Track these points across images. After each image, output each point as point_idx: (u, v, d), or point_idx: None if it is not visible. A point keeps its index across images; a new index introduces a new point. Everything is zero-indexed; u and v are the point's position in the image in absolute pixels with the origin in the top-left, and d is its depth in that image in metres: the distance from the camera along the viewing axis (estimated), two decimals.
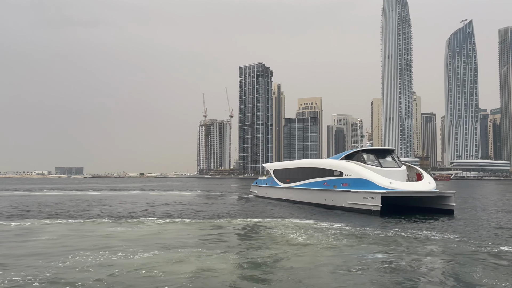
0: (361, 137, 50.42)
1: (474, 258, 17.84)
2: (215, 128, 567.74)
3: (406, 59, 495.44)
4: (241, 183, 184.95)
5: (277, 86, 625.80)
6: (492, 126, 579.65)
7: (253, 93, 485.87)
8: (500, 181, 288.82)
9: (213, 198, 62.96)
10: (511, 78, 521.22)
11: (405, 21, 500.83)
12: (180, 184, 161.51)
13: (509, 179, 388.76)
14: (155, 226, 29.18)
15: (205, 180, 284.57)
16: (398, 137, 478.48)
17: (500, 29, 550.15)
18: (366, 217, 34.01)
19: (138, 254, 18.56)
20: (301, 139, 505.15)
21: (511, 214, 38.17)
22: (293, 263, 17.20)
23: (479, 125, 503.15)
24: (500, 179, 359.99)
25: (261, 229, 27.52)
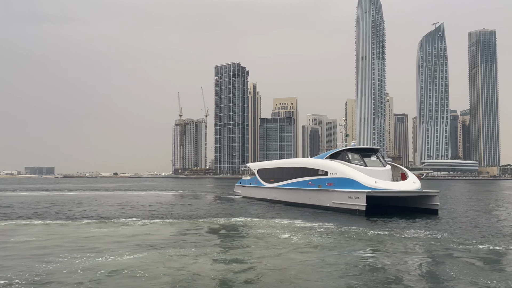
0: (345, 136, 50.03)
1: (454, 256, 18.24)
2: (190, 127, 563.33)
3: (379, 61, 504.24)
4: (217, 183, 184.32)
5: (253, 86, 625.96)
6: (461, 127, 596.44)
7: (229, 92, 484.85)
8: (469, 181, 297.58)
9: (193, 198, 62.43)
10: (480, 80, 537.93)
11: (379, 23, 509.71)
12: (156, 184, 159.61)
13: (477, 178, 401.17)
14: (138, 226, 28.83)
15: (181, 180, 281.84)
16: (371, 137, 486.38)
17: (470, 32, 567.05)
18: (351, 217, 33.97)
19: (125, 255, 18.37)
20: (277, 139, 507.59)
21: (490, 214, 38.87)
22: (277, 261, 17.28)
23: (449, 126, 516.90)
24: (469, 179, 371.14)
25: (244, 229, 27.46)
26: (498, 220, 33.08)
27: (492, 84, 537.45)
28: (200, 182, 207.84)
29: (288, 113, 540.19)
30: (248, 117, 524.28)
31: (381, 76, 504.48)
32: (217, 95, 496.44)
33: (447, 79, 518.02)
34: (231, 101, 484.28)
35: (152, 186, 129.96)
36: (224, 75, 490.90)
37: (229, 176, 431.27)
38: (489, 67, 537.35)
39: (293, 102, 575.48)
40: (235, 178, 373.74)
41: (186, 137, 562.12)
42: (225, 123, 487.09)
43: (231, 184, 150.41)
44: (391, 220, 31.77)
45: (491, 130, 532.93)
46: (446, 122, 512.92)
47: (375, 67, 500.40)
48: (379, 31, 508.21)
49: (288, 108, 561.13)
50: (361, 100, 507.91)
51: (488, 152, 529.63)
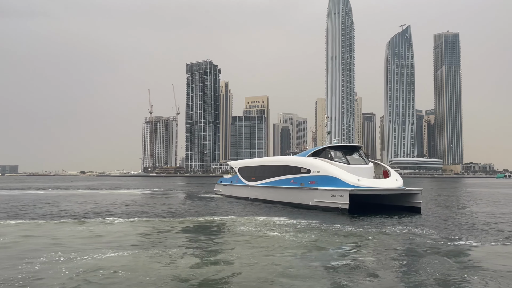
0: (327, 133, 49.68)
1: (434, 252, 19.00)
2: (161, 125, 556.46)
3: (349, 61, 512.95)
4: (188, 181, 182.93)
5: (224, 84, 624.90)
6: (427, 126, 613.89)
7: (201, 90, 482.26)
8: (435, 178, 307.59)
9: (169, 197, 61.59)
10: (445, 81, 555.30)
11: (348, 24, 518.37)
12: (127, 182, 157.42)
13: (442, 176, 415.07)
14: (117, 225, 28.56)
15: (151, 178, 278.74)
16: (341, 136, 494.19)
17: (435, 35, 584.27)
18: (334, 215, 33.69)
19: (108, 254, 18.37)
20: (248, 137, 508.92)
21: (467, 210, 39.87)
22: (258, 259, 17.48)
23: (415, 125, 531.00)
24: (434, 176, 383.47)
25: (225, 227, 27.68)
26: (473, 216, 33.88)
27: (455, 85, 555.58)
28: (171, 180, 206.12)
29: (260, 112, 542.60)
30: (220, 115, 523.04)
31: (350, 76, 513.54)
32: (189, 92, 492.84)
33: (414, 80, 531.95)
34: (202, 99, 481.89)
35: (124, 184, 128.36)
36: (195, 73, 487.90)
37: (200, 174, 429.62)
38: (453, 68, 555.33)
39: (265, 100, 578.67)
40: (206, 176, 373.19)
41: (157, 135, 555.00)
42: (197, 121, 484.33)
43: (203, 183, 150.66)
44: (373, 218, 31.60)
45: (455, 129, 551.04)
46: (412, 122, 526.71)
47: (344, 67, 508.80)
48: (349, 32, 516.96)
49: (259, 107, 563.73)
50: (331, 99, 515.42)
51: (451, 150, 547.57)
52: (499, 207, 43.81)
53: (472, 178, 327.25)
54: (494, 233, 25.23)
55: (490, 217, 33.96)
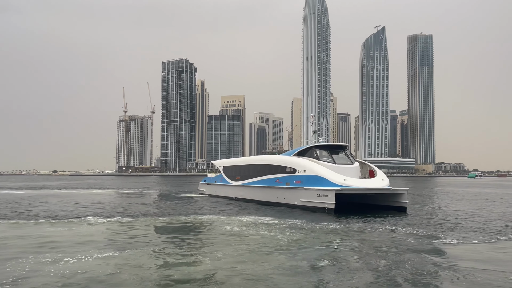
0: (313, 132, 49.09)
1: (418, 251, 19.16)
2: (135, 124, 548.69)
3: (324, 61, 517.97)
4: (165, 180, 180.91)
5: (200, 83, 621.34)
6: (400, 127, 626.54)
7: (176, 89, 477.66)
8: (407, 178, 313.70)
9: (149, 196, 60.34)
10: (418, 82, 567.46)
11: (324, 25, 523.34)
12: (102, 182, 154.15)
13: (414, 175, 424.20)
14: (99, 225, 28.10)
15: (126, 178, 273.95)
16: (316, 135, 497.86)
17: (409, 36, 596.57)
18: (320, 215, 33.42)
19: (94, 255, 18.16)
20: (225, 137, 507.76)
21: (451, 209, 40.20)
22: (242, 259, 17.39)
23: (389, 126, 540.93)
24: (407, 176, 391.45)
25: (209, 226, 27.45)
26: (457, 216, 34.24)
27: (428, 86, 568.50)
28: (147, 180, 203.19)
29: (236, 111, 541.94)
30: (196, 114, 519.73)
31: (326, 76, 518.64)
32: (164, 91, 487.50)
33: (388, 80, 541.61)
34: (178, 97, 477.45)
35: (99, 184, 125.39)
36: (171, 71, 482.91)
37: (176, 174, 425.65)
38: (426, 69, 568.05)
39: (241, 100, 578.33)
40: (182, 176, 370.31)
41: (131, 134, 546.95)
42: (172, 120, 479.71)
43: (180, 182, 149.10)
44: (359, 218, 31.55)
45: (427, 129, 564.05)
46: (386, 122, 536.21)
47: (320, 67, 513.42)
48: (325, 32, 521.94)
49: (236, 106, 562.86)
50: (307, 99, 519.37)
51: (424, 150, 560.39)
52: (480, 206, 44.58)
53: (444, 178, 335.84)
54: (477, 231, 25.58)
55: (473, 215, 34.39)
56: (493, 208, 41.92)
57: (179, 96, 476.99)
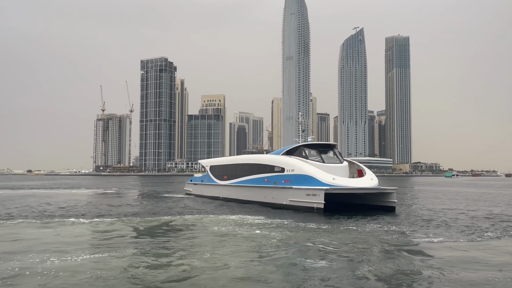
0: (301, 131, 48.84)
1: (406, 250, 19.42)
2: (113, 123, 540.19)
3: (304, 61, 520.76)
4: (143, 180, 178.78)
5: (180, 82, 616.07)
6: (378, 127, 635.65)
7: (156, 87, 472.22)
8: (385, 177, 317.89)
9: (129, 197, 59.40)
10: (395, 83, 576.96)
11: (304, 25, 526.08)
12: (80, 182, 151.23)
13: (392, 175, 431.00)
14: (83, 226, 27.56)
15: (104, 177, 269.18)
16: (296, 135, 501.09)
17: (387, 38, 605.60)
18: (309, 214, 33.24)
19: (82, 256, 17.86)
20: (204, 136, 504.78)
21: (438, 208, 40.73)
22: (227, 259, 17.30)
23: (367, 126, 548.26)
24: (385, 175, 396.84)
25: (195, 226, 27.17)
26: (444, 214, 34.71)
27: (405, 87, 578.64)
28: (126, 179, 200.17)
29: (216, 110, 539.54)
30: (175, 113, 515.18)
31: (305, 76, 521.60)
32: (143, 90, 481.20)
33: (366, 81, 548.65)
34: (157, 96, 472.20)
35: (78, 184, 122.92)
36: (150, 70, 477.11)
37: (155, 174, 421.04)
38: (403, 71, 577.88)
39: (221, 99, 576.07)
40: (161, 175, 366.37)
41: (109, 133, 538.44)
42: (151, 119, 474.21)
43: (160, 182, 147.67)
44: (348, 217, 31.46)
45: (404, 129, 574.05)
46: (365, 122, 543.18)
47: (300, 67, 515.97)
48: (305, 33, 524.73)
49: (216, 105, 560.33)
50: (287, 99, 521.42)
51: (401, 150, 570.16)
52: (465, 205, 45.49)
53: (421, 177, 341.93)
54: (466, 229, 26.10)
55: (460, 214, 35.03)
56: (477, 207, 42.82)
57: (159, 95, 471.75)
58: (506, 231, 25.51)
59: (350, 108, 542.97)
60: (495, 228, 26.75)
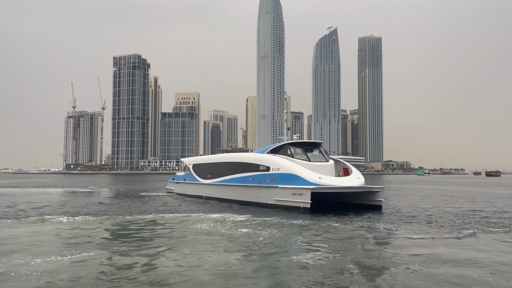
0: (287, 129, 48.18)
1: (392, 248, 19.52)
2: (85, 120, 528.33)
3: (279, 60, 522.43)
4: (116, 178, 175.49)
5: (154, 79, 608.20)
6: (351, 126, 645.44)
7: (129, 85, 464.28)
8: None
9: (104, 195, 57.77)
10: (368, 83, 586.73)
11: (279, 24, 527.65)
12: (50, 180, 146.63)
13: (364, 173, 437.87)
14: (63, 225, 26.73)
15: (75, 176, 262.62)
16: (271, 134, 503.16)
17: (360, 38, 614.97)
18: (293, 214, 32.74)
19: (68, 256, 17.35)
20: (178, 134, 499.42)
21: (424, 207, 40.74)
22: (205, 259, 17.01)
23: (340, 124, 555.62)
24: None
25: (176, 225, 26.76)
26: (431, 213, 34.89)
27: (377, 87, 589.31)
28: (98, 178, 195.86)
29: (190, 108, 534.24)
30: (149, 111, 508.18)
31: (280, 75, 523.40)
32: (116, 87, 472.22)
33: (339, 81, 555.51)
34: (130, 93, 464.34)
35: (50, 182, 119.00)
36: (123, 67, 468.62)
37: (127, 172, 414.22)
38: (376, 70, 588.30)
39: (195, 97, 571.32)
40: (134, 174, 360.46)
41: (80, 130, 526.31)
42: (124, 117, 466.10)
43: (136, 180, 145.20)
44: (335, 217, 31.14)
45: (376, 128, 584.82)
46: (338, 121, 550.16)
47: (275, 66, 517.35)
48: (279, 32, 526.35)
49: (190, 103, 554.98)
50: (262, 98, 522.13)
51: (373, 149, 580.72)
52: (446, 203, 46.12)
53: (394, 175, 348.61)
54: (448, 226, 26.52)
55: (444, 212, 35.44)
56: (458, 204, 43.55)
57: (132, 92, 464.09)
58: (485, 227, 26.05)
59: (323, 107, 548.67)
60: (477, 225, 27.20)
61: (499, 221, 29.20)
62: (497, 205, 43.36)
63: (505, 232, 24.28)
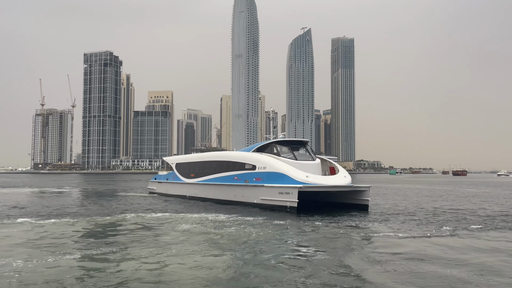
0: (273, 128, 47.81)
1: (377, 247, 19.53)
2: (54, 118, 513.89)
3: (253, 60, 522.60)
4: (87, 178, 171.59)
5: (126, 77, 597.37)
6: (324, 125, 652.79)
7: (100, 82, 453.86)
8: None
9: (78, 195, 56.17)
10: (340, 83, 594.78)
11: (253, 23, 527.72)
12: (18, 180, 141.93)
13: None
14: (35, 227, 25.63)
15: (43, 175, 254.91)
16: (245, 133, 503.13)
17: (333, 39, 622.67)
18: (280, 213, 32.32)
19: (33, 258, 16.67)
20: (151, 133, 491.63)
21: (407, 206, 41.15)
22: (187, 259, 16.76)
23: (313, 124, 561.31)
24: None
25: (158, 225, 26.26)
26: (415, 211, 35.39)
27: (350, 87, 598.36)
28: (68, 177, 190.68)
29: (164, 107, 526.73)
30: (121, 109, 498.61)
31: (255, 74, 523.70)
32: (86, 84, 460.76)
33: (313, 81, 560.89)
34: (102, 91, 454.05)
35: (17, 182, 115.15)
36: (94, 64, 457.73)
37: (99, 171, 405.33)
38: (348, 71, 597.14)
39: (169, 95, 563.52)
40: (105, 173, 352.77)
41: (49, 129, 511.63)
42: (95, 115, 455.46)
43: (106, 180, 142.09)
44: (323, 216, 30.91)
45: (348, 128, 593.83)
46: (311, 121, 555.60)
47: (249, 65, 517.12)
48: (254, 31, 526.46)
49: (163, 102, 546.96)
50: (236, 97, 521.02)
51: (345, 148, 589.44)
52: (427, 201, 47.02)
53: (366, 174, 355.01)
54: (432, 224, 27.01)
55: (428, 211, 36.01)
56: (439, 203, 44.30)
57: (103, 90, 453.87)
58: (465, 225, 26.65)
59: (297, 107, 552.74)
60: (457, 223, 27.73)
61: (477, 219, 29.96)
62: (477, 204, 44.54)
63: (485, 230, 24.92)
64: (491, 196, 57.66)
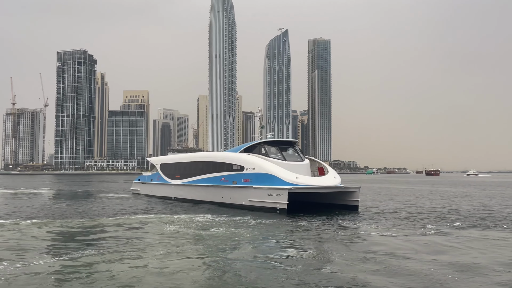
0: (261, 128, 47.02)
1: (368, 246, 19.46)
2: (25, 118, 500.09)
3: (231, 60, 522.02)
4: (61, 179, 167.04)
5: (101, 76, 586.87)
6: (301, 126, 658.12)
7: (74, 81, 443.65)
8: None
9: (54, 197, 54.19)
10: (317, 84, 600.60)
11: (231, 23, 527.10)
12: None
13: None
14: (8, 228, 24.83)
15: (14, 176, 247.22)
16: (222, 133, 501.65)
17: (310, 40, 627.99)
18: (270, 215, 31.48)
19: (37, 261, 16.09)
20: (127, 133, 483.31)
21: (396, 206, 41.23)
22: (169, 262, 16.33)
23: (290, 125, 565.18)
24: None
25: (144, 226, 25.78)
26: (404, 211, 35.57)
27: (326, 88, 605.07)
28: (41, 178, 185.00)
29: (140, 106, 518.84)
30: (95, 108, 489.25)
31: (232, 74, 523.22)
32: (59, 83, 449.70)
33: (290, 82, 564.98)
34: (75, 90, 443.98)
35: None
36: (68, 62, 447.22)
37: (72, 172, 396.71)
38: (325, 72, 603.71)
39: (145, 95, 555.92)
40: (79, 174, 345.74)
41: (20, 129, 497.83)
42: (68, 115, 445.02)
43: (80, 181, 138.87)
44: (313, 217, 30.56)
45: (325, 129, 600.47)
46: (288, 121, 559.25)
47: (227, 65, 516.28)
48: (231, 31, 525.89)
49: (139, 101, 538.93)
50: (213, 97, 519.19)
51: (322, 148, 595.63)
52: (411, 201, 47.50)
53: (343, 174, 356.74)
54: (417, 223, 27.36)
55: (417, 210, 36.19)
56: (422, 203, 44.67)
57: (77, 89, 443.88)
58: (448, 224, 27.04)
59: (275, 107, 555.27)
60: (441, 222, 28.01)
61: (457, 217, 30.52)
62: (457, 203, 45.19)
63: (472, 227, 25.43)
64: (467, 195, 58.99)
